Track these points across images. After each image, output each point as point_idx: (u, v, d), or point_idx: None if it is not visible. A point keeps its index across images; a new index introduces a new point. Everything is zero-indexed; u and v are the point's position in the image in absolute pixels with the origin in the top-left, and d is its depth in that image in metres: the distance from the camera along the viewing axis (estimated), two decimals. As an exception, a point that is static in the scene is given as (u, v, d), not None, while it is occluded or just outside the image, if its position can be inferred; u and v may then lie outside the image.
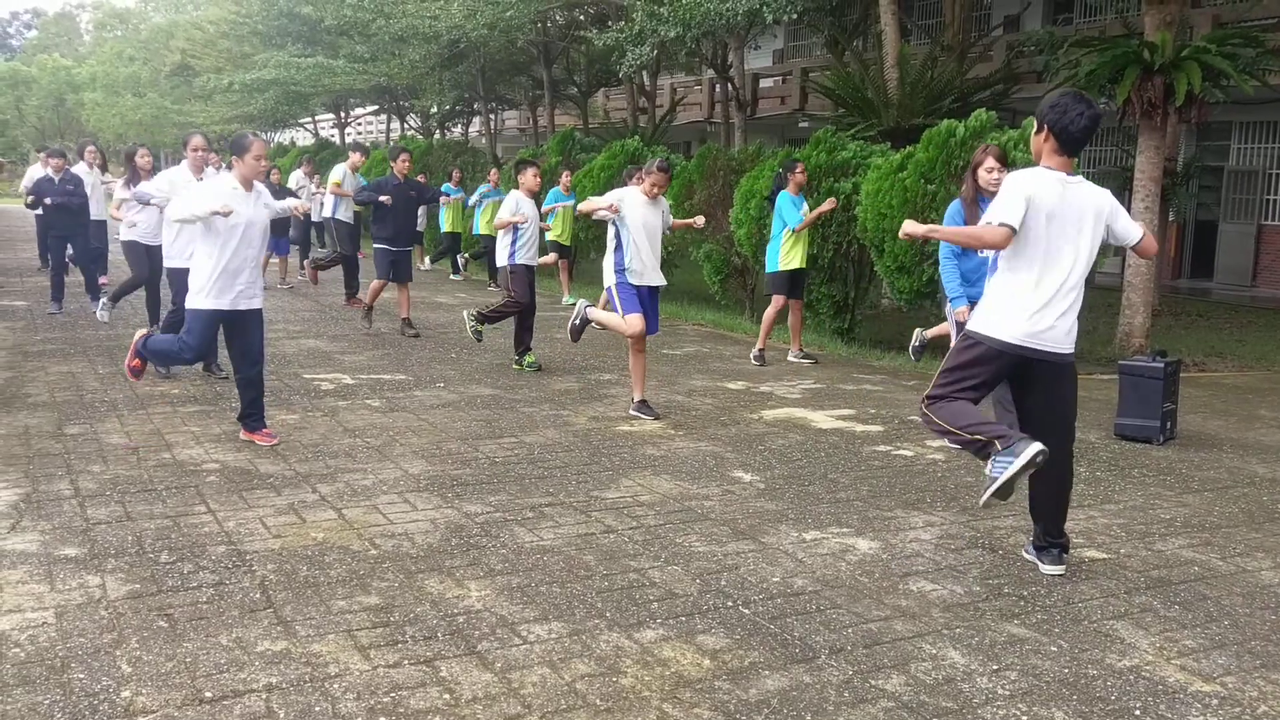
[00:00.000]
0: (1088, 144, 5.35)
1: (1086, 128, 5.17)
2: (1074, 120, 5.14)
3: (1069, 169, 5.28)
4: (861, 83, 19.09)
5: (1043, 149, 5.28)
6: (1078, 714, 3.99)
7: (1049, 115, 5.19)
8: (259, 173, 7.49)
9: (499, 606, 4.83)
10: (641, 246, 8.70)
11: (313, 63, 33.19)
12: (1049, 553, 5.52)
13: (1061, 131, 5.17)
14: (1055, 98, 5.24)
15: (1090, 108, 5.16)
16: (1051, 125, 5.19)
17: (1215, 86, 13.67)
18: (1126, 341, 13.21)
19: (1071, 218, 5.21)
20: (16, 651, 4.23)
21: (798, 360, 11.94)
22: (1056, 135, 5.19)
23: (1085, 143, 5.28)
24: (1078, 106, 5.14)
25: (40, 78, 75.48)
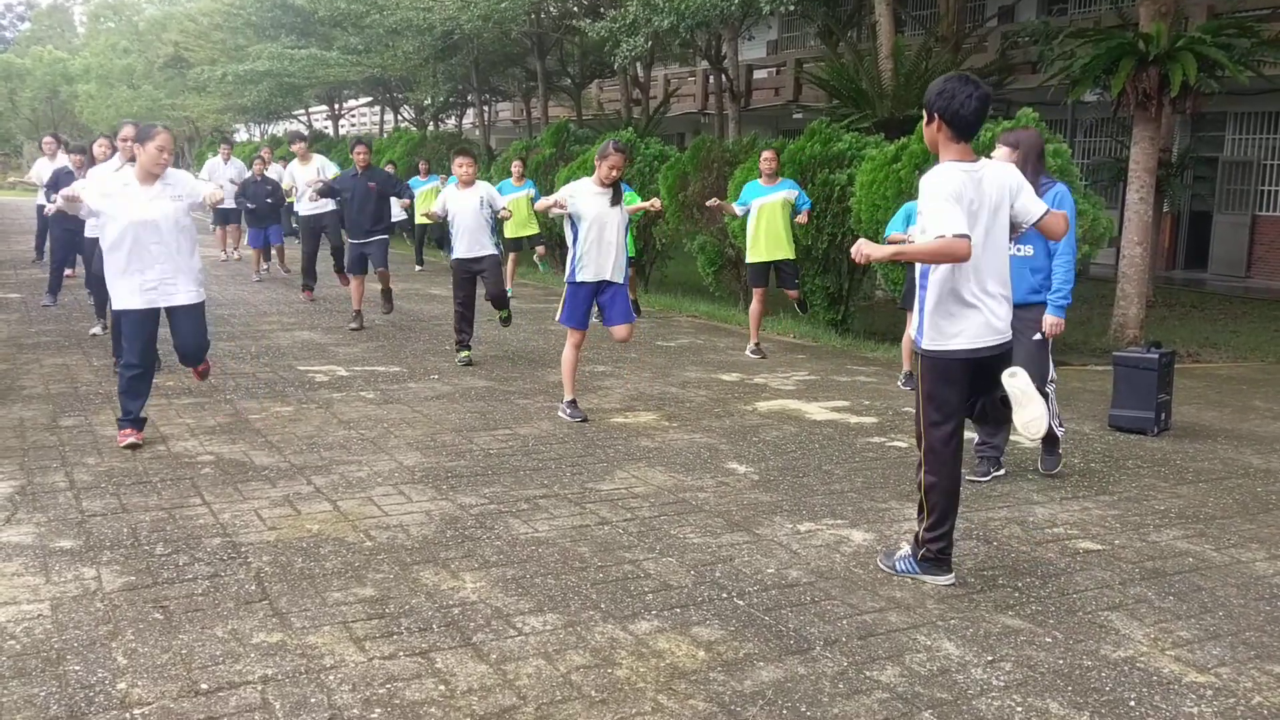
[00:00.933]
0: (981, 127, 5.06)
1: (977, 109, 4.90)
2: (963, 103, 4.87)
3: (970, 155, 5.01)
4: (856, 74, 19.08)
5: (938, 139, 5.02)
6: (1072, 705, 4.00)
7: (937, 103, 4.92)
8: (159, 165, 7.10)
9: (494, 598, 4.83)
10: (594, 240, 8.31)
11: (306, 54, 33.07)
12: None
13: (953, 117, 4.89)
14: (940, 83, 4.98)
15: (978, 88, 4.91)
16: (941, 112, 4.91)
17: (1210, 77, 13.69)
18: (1121, 333, 13.24)
19: (989, 205, 5.00)
20: (12, 644, 4.22)
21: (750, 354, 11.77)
22: (949, 122, 4.91)
23: (979, 125, 5.00)
24: (965, 89, 4.89)
25: (34, 70, 75.24)
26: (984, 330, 5.04)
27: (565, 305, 8.45)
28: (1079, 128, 25.66)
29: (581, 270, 8.35)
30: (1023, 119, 11.44)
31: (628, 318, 8.59)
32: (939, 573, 5.17)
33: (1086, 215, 11.24)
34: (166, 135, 7.19)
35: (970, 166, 4.97)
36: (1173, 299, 19.34)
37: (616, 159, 8.33)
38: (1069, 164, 11.44)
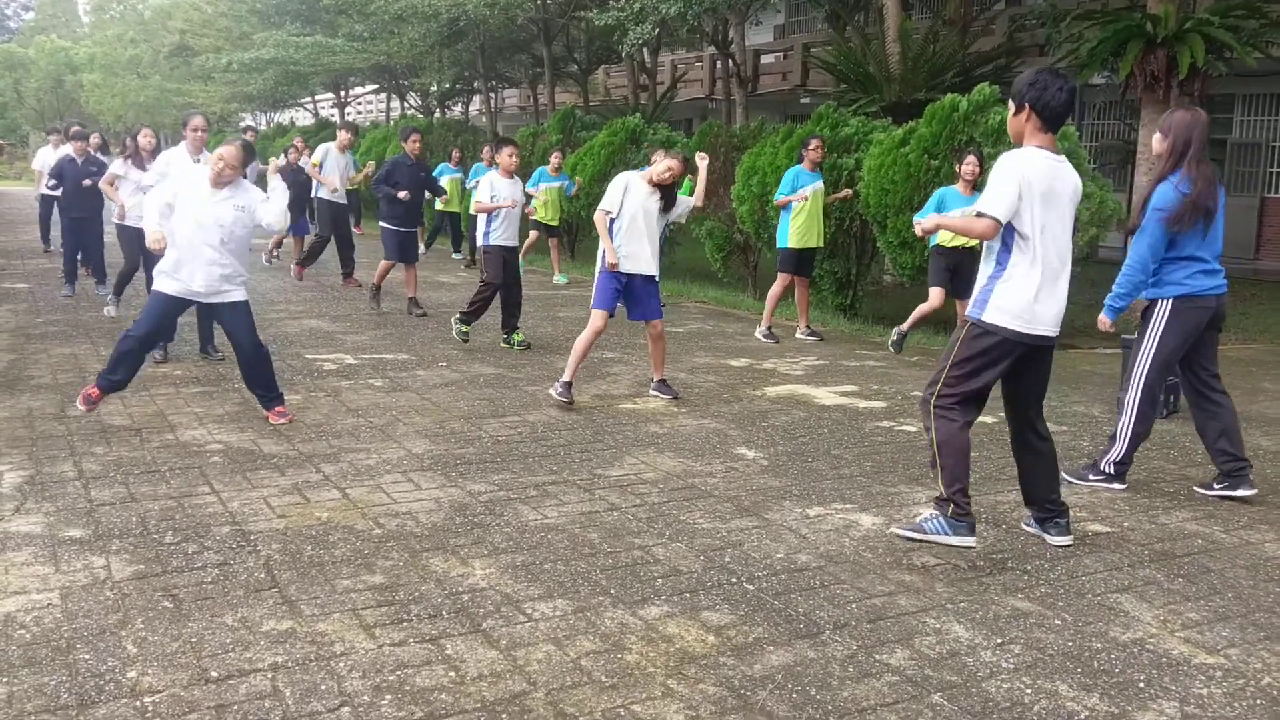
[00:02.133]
0: (1067, 119, 5.30)
1: (1067, 102, 5.12)
2: (1055, 95, 5.09)
3: (1053, 146, 5.23)
4: (863, 58, 19.02)
5: (1024, 129, 5.23)
6: (1082, 687, 4.00)
7: (1029, 93, 5.14)
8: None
9: (503, 584, 4.83)
10: (630, 232, 8.44)
11: (311, 41, 33.05)
12: (1055, 524, 5.51)
13: (1044, 108, 5.12)
14: (1032, 75, 5.19)
15: (1068, 82, 5.13)
16: (1033, 103, 5.13)
17: (1218, 59, 13.63)
18: (1130, 315, 13.17)
19: (1065, 197, 5.19)
20: (22, 633, 4.23)
21: (804, 337, 11.93)
22: (1039, 112, 5.14)
23: (1066, 118, 5.23)
24: (1056, 82, 5.11)
25: (38, 59, 75.19)
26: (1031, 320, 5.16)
27: (595, 291, 8.64)
28: (1087, 110, 25.58)
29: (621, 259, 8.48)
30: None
31: (656, 314, 8.73)
32: (961, 528, 5.16)
33: (1094, 198, 11.21)
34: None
35: (1051, 156, 5.17)
36: (1181, 281, 19.24)
37: (678, 167, 8.49)
38: (1077, 146, 11.40)
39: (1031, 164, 5.11)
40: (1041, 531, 5.57)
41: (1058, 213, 5.16)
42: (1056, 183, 5.14)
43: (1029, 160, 5.12)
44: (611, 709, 3.76)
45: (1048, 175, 5.11)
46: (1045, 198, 5.10)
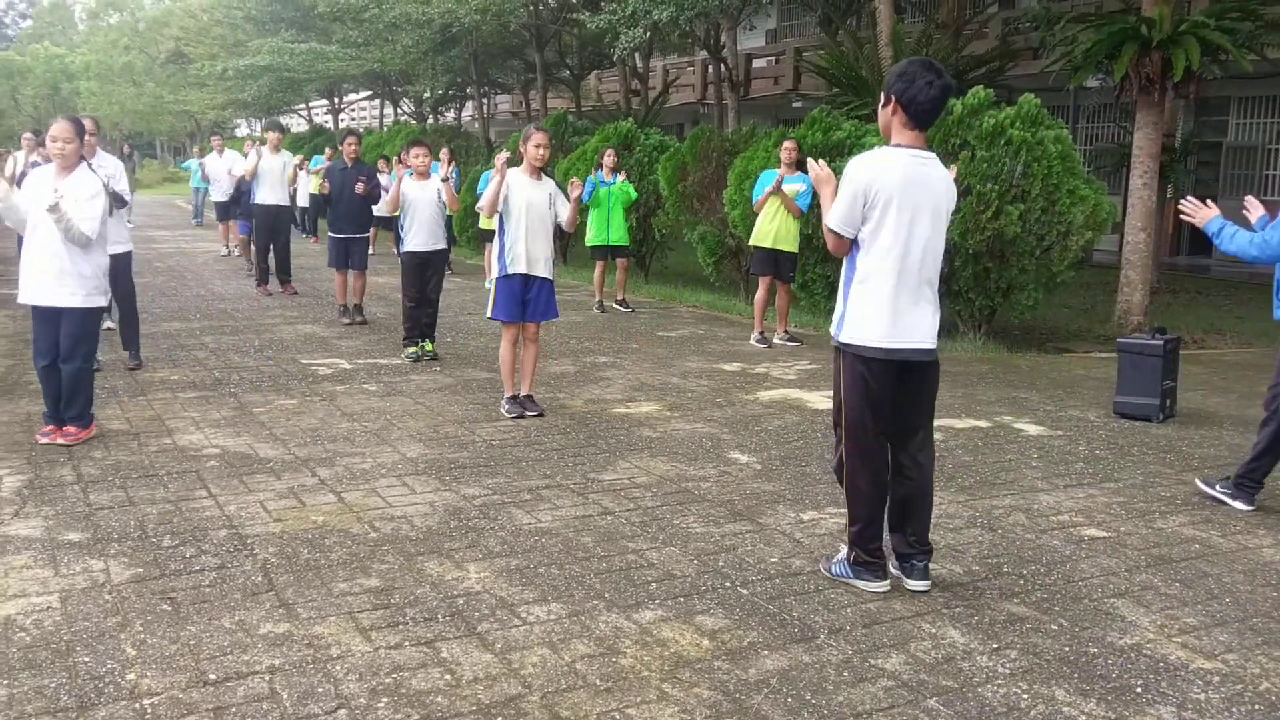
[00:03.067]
0: (938, 118, 4.86)
1: (936, 98, 4.71)
2: (922, 90, 4.68)
3: (921, 144, 4.83)
4: (855, 61, 19.06)
5: (891, 123, 4.81)
6: (1079, 692, 4.00)
7: (896, 85, 4.74)
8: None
9: (498, 588, 4.84)
10: (521, 231, 8.06)
11: (306, 49, 33.06)
12: (915, 566, 4.98)
13: (910, 102, 4.71)
14: (902, 66, 4.82)
15: (940, 77, 4.72)
16: (899, 96, 4.72)
17: (1213, 62, 13.66)
18: (1125, 319, 13.23)
19: (924, 200, 4.77)
20: (22, 636, 4.24)
21: (783, 342, 11.89)
22: (905, 106, 4.73)
23: (937, 115, 4.84)
24: (926, 75, 4.70)
25: (34, 67, 75.21)
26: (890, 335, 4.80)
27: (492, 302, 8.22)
28: (1081, 114, 25.62)
29: (511, 262, 8.10)
30: (1025, 104, 11.43)
31: (552, 314, 8.38)
32: (868, 575, 4.94)
33: (1088, 200, 11.23)
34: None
35: (913, 154, 4.79)
36: (1177, 285, 19.33)
37: (541, 138, 8.13)
38: (1070, 149, 11.42)
39: (877, 167, 4.74)
40: (899, 572, 5.03)
41: (916, 216, 4.75)
42: (915, 186, 4.74)
43: (875, 163, 4.76)
44: (606, 712, 3.76)
45: (902, 178, 4.72)
46: (898, 202, 4.71)
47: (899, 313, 4.78)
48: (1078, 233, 11.16)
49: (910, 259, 4.78)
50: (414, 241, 10.46)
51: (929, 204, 4.79)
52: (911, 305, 4.80)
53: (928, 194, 4.79)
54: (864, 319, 4.81)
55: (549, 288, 8.25)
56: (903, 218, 4.73)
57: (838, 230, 4.83)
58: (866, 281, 4.81)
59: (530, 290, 8.14)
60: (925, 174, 4.80)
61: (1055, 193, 11.12)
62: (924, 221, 4.78)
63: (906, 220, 4.74)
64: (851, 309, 4.86)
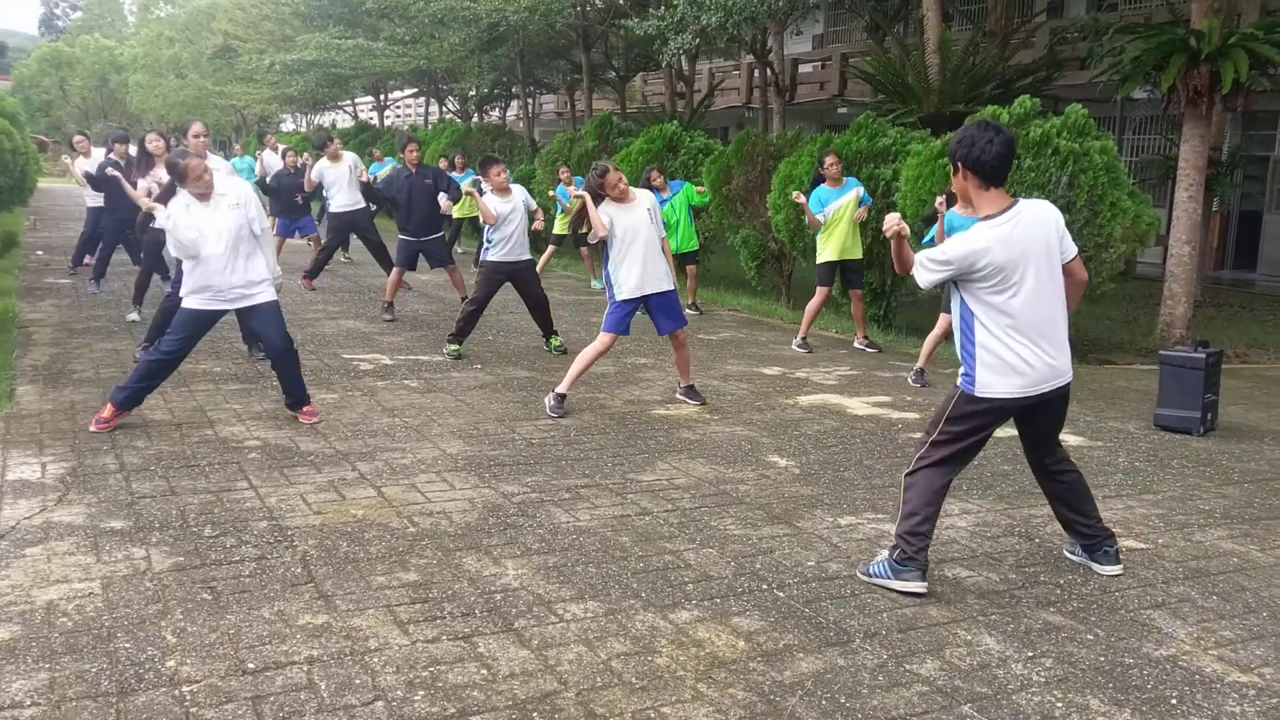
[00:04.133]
0: (1008, 171, 4.92)
1: (1000, 153, 4.80)
2: (984, 150, 4.78)
3: (1003, 201, 4.88)
4: (902, 68, 19.00)
5: (966, 188, 4.94)
6: (1113, 702, 3.99)
7: (958, 152, 4.87)
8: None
9: (536, 585, 4.87)
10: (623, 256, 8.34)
11: (353, 44, 33.23)
12: (1104, 552, 5.32)
13: (975, 164, 4.82)
14: (960, 133, 4.91)
15: (1000, 133, 4.82)
16: (964, 160, 4.85)
17: (1262, 75, 13.53)
18: (1168, 332, 13.13)
19: (1036, 248, 4.85)
20: (64, 621, 4.30)
21: (861, 347, 11.89)
22: (973, 170, 4.84)
23: (1006, 169, 4.88)
24: (985, 135, 4.80)
25: (83, 58, 76.02)
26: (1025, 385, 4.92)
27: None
28: (1128, 125, 25.41)
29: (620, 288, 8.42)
30: (1072, 115, 11.37)
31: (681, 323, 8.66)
32: (908, 574, 4.99)
33: (1129, 212, 11.15)
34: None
35: (1002, 219, 4.84)
36: (1221, 299, 19.15)
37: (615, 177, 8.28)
38: (1116, 161, 11.35)
39: (972, 245, 4.80)
40: (1090, 560, 5.38)
41: (1028, 269, 4.83)
42: (1016, 246, 4.81)
43: (969, 243, 4.81)
44: (641, 711, 3.79)
45: (1000, 245, 4.78)
46: (1005, 267, 4.79)
47: (1032, 361, 4.89)
48: (1114, 245, 11.08)
49: (1031, 309, 4.88)
50: (499, 252, 10.52)
51: (1035, 251, 4.86)
52: (1043, 348, 4.90)
53: (1028, 245, 4.84)
54: (995, 375, 4.92)
55: (672, 296, 8.54)
56: (1011, 278, 4.82)
57: (923, 285, 4.97)
58: (991, 341, 4.91)
59: (654, 302, 8.44)
60: (1019, 232, 4.84)
61: (1098, 204, 11.05)
62: (1033, 269, 4.85)
63: (1016, 278, 4.83)
64: (981, 366, 4.94)
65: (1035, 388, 4.92)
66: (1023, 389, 4.90)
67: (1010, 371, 4.88)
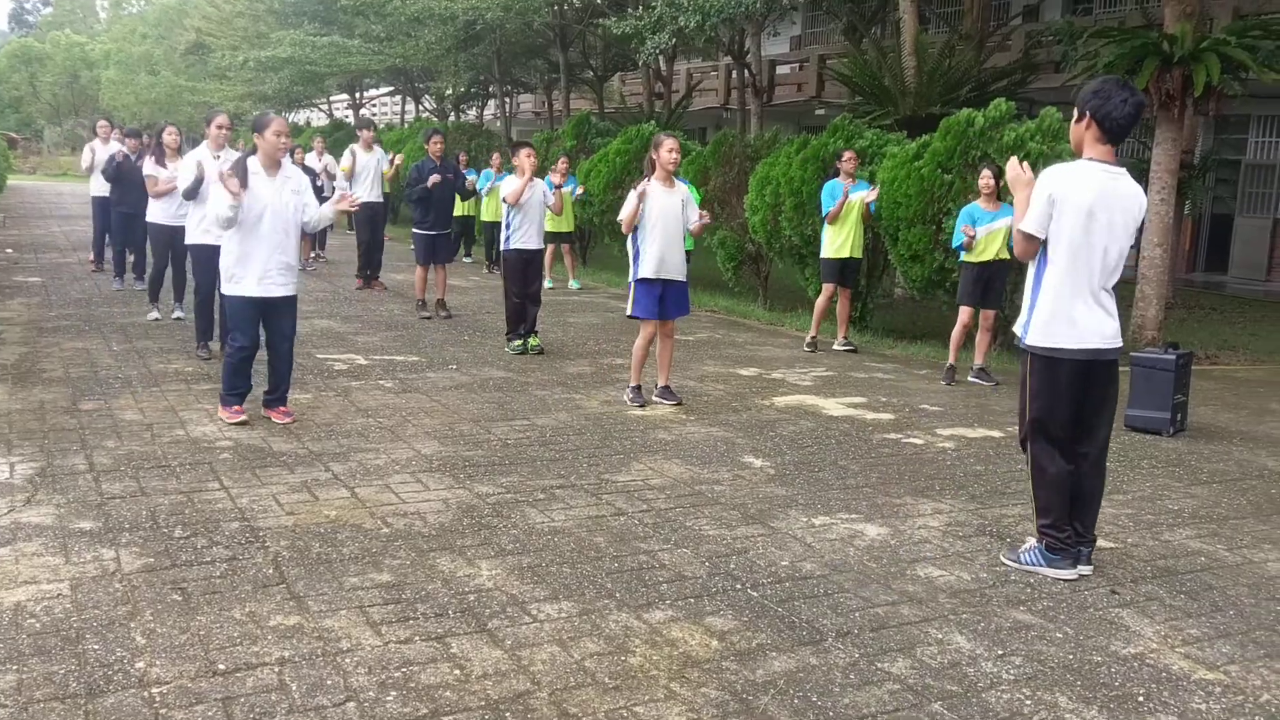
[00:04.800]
0: (1130, 133, 5.20)
1: (1131, 114, 5.05)
2: (1117, 107, 5.03)
3: (1112, 158, 5.15)
4: (879, 70, 19.04)
5: (1084, 138, 5.16)
6: (1081, 699, 4.02)
7: (1092, 101, 5.07)
8: (280, 151, 7.42)
9: (509, 585, 4.87)
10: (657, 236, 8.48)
11: (328, 42, 33.11)
12: (1081, 553, 5.35)
13: (1105, 119, 5.05)
14: (1097, 84, 5.13)
15: (1134, 94, 5.06)
16: (1094, 112, 5.07)
17: (1234, 79, 13.63)
18: (1139, 333, 13.20)
19: (1116, 212, 5.09)
20: (32, 622, 4.28)
21: (840, 348, 11.95)
22: (1099, 122, 5.07)
23: (1129, 130, 5.14)
24: (1121, 93, 5.04)
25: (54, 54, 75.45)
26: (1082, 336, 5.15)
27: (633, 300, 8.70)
28: (1101, 128, 25.55)
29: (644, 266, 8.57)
30: (1046, 118, 11.43)
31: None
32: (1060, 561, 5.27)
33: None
34: (282, 121, 7.50)
35: (1105, 168, 5.10)
36: (1192, 301, 19.29)
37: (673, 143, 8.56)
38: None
39: (1069, 179, 5.08)
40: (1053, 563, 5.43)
41: (1103, 228, 5.07)
42: (1106, 198, 5.06)
43: (1067, 175, 5.09)
44: (614, 710, 3.79)
45: (1092, 189, 5.05)
46: (1088, 213, 5.04)
47: (1083, 316, 5.14)
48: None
49: (1097, 266, 5.13)
50: (521, 239, 10.76)
51: (1119, 215, 5.11)
52: (1095, 308, 5.16)
53: (1119, 205, 5.10)
54: (1052, 323, 5.18)
55: (683, 288, 8.75)
56: (1093, 226, 5.07)
57: (1030, 232, 5.16)
58: (1054, 288, 5.17)
59: (667, 291, 8.60)
60: (1115, 187, 5.12)
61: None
62: (1112, 231, 5.11)
63: (1097, 228, 5.08)
64: (1039, 313, 5.23)
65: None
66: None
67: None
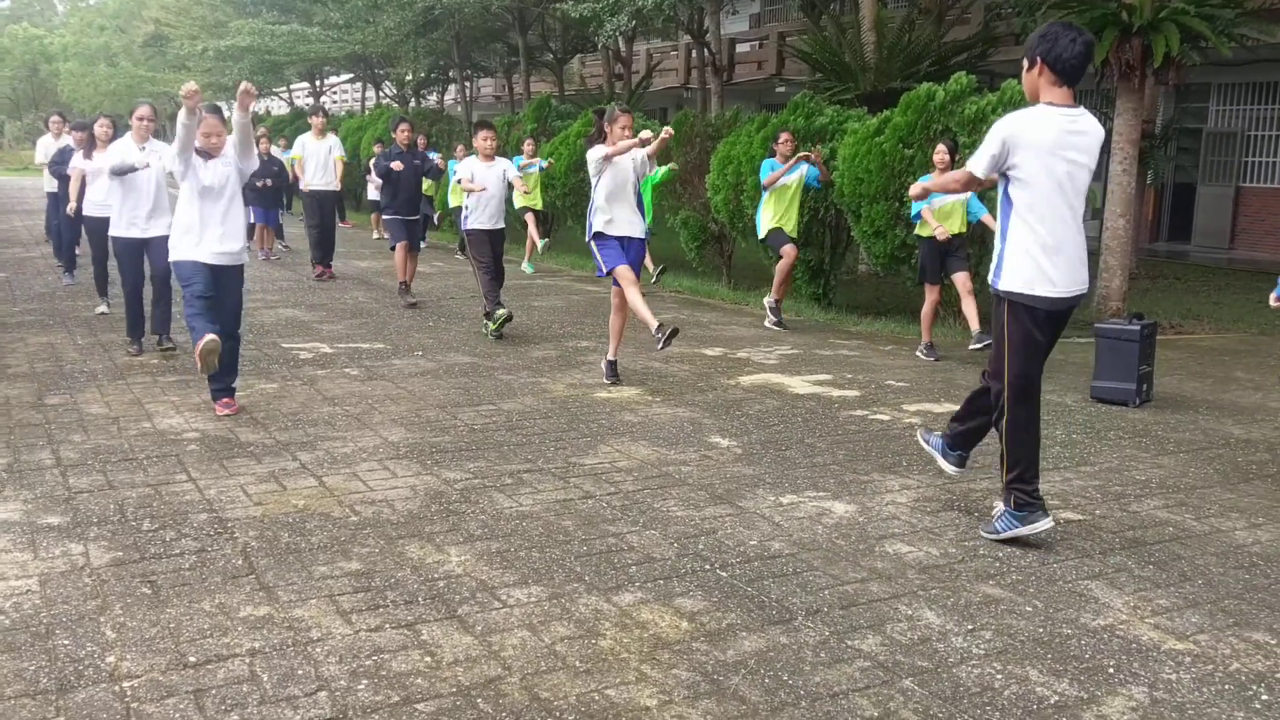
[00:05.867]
0: (1084, 74, 5.14)
1: (1081, 53, 5.00)
2: (1066, 47, 4.98)
3: (1070, 100, 5.11)
4: (838, 47, 19.05)
5: (1038, 85, 5.12)
6: (1052, 672, 4.05)
7: (1040, 46, 5.04)
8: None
9: (479, 571, 4.86)
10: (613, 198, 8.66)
11: (287, 30, 32.88)
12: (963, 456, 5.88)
13: (1056, 60, 5.00)
14: (1043, 29, 5.09)
15: (1081, 34, 5.00)
16: (1044, 56, 5.02)
17: (1193, 48, 13.70)
18: (1103, 304, 13.28)
19: (1076, 151, 5.09)
20: (1, 619, 4.24)
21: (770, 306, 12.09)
22: (1050, 65, 5.02)
23: (1083, 71, 5.07)
24: (1069, 33, 5.00)
25: (12, 48, 74.68)
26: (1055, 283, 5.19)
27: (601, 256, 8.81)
28: (1062, 100, 25.65)
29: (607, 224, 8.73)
30: (1007, 91, 11.46)
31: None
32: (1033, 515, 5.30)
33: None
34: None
35: (1064, 111, 5.08)
36: (1156, 271, 19.42)
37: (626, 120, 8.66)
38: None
39: (1025, 121, 5.06)
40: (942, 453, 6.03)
41: (1064, 169, 5.07)
42: (1067, 139, 5.05)
43: (1024, 118, 5.08)
44: (586, 693, 3.79)
45: (1050, 131, 5.03)
46: (1047, 154, 5.03)
47: (1054, 262, 5.14)
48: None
49: (1062, 208, 5.12)
50: (477, 220, 10.85)
51: (1080, 157, 5.12)
52: (1064, 253, 5.15)
53: (1078, 146, 5.10)
54: (1024, 270, 5.18)
55: (641, 245, 8.98)
56: (1054, 170, 5.06)
57: (973, 171, 5.20)
58: (1022, 233, 5.16)
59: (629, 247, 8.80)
60: (1075, 128, 5.10)
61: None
62: (1073, 172, 5.11)
63: (1058, 172, 5.07)
64: (1009, 261, 5.23)
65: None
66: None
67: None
